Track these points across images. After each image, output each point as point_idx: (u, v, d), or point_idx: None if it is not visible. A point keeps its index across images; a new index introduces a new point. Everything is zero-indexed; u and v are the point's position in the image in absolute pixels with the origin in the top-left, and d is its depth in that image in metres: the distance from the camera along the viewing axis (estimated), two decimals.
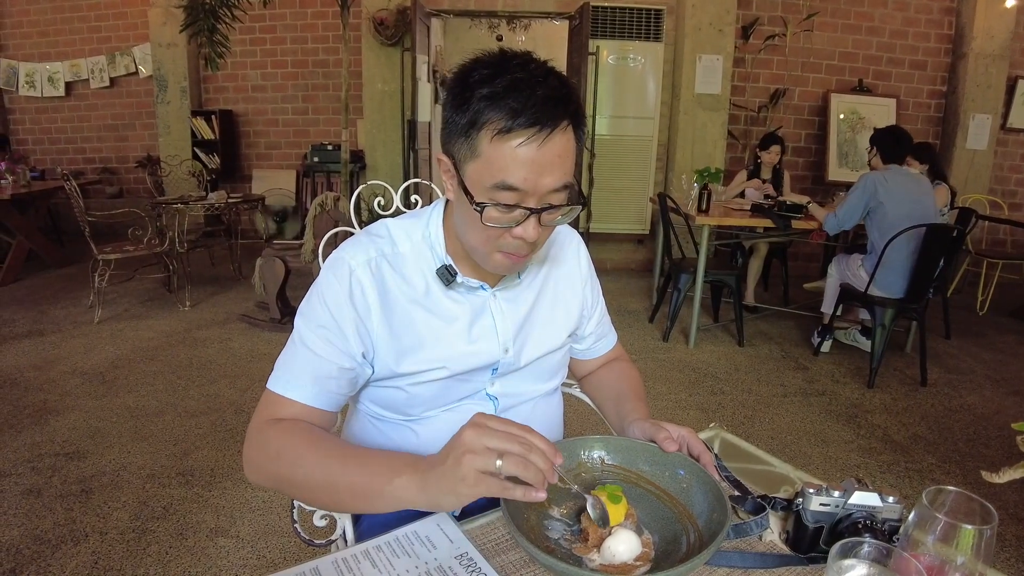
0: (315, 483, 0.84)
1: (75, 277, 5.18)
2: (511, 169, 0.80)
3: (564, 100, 0.81)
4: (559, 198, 0.85)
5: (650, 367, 3.65)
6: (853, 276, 3.67)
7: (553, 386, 1.14)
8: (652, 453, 0.93)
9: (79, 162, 7.02)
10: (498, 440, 0.71)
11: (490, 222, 0.84)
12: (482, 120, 0.80)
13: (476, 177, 0.83)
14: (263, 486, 0.91)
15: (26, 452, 2.56)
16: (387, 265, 0.96)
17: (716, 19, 5.50)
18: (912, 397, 3.36)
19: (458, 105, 0.83)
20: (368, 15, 5.59)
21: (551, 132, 0.80)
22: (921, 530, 0.70)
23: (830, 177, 5.89)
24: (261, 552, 1.99)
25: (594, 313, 1.19)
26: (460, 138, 0.83)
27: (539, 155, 0.80)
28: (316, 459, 0.84)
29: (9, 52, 6.86)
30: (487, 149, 0.81)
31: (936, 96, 6.09)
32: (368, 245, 0.97)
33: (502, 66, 0.81)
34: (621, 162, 5.99)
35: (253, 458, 0.89)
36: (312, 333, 0.92)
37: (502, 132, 0.79)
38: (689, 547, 0.79)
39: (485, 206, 0.82)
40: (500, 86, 0.79)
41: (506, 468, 0.70)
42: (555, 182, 0.82)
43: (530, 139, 0.79)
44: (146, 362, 3.52)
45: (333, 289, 0.93)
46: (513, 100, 0.79)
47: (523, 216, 0.84)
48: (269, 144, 6.78)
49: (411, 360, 0.96)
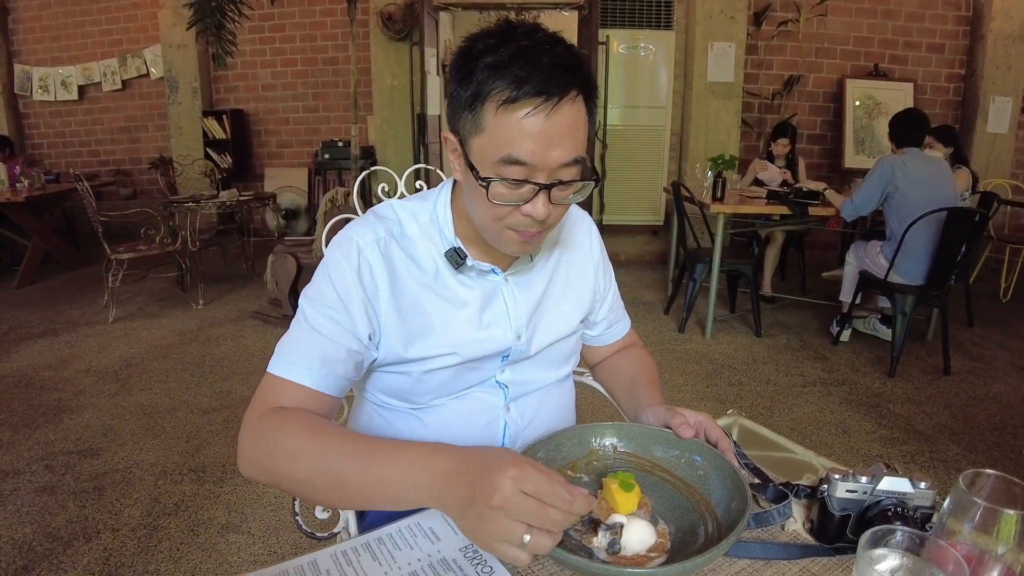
0: (320, 481, 0.76)
1: (90, 278, 5.21)
2: (518, 142, 0.76)
3: (572, 68, 0.77)
4: (570, 173, 0.80)
5: (666, 359, 3.60)
6: (872, 263, 3.59)
7: (564, 374, 1.10)
8: (667, 439, 0.89)
9: (93, 164, 7.07)
10: (531, 512, 0.60)
11: (497, 199, 0.80)
12: (486, 91, 0.76)
13: (482, 152, 0.79)
14: (259, 481, 0.84)
15: (40, 450, 2.56)
16: (396, 246, 0.92)
17: (728, 6, 5.42)
18: (935, 386, 3.28)
19: (462, 78, 0.79)
20: (376, 10, 5.57)
21: (559, 101, 0.75)
22: (957, 517, 0.65)
23: (846, 164, 5.78)
24: (272, 548, 1.97)
25: (606, 297, 1.14)
26: (465, 112, 0.80)
27: (547, 126, 0.76)
28: (319, 452, 0.76)
29: (23, 57, 6.91)
30: (492, 121, 0.77)
31: (955, 79, 5.96)
32: (376, 225, 0.93)
33: (507, 35, 0.77)
34: (633, 153, 5.93)
35: (248, 451, 0.82)
36: (318, 313, 0.88)
37: (507, 102, 0.75)
38: (707, 537, 0.75)
39: (491, 181, 0.78)
40: (504, 55, 0.76)
41: (532, 547, 0.60)
42: (565, 155, 0.78)
43: (537, 109, 0.75)
44: (159, 360, 3.52)
45: (340, 268, 0.89)
46: (518, 68, 0.75)
47: (531, 192, 0.79)
48: (280, 142, 6.79)
49: (420, 345, 0.92)
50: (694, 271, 3.96)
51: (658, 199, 5.99)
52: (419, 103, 5.63)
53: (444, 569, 0.71)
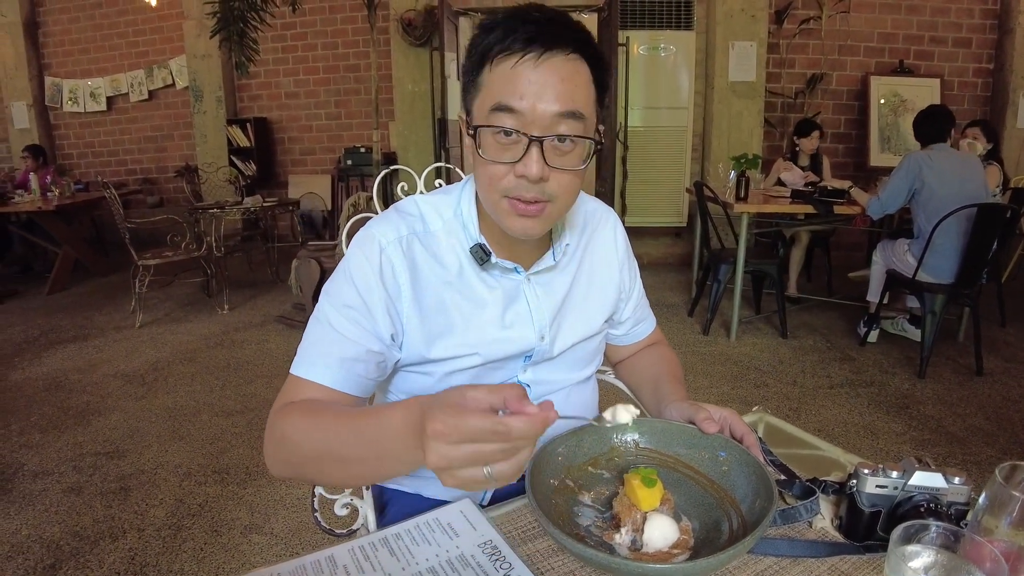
0: (326, 458, 0.74)
1: (118, 285, 5.30)
2: (508, 90, 0.76)
3: (568, 26, 0.77)
4: (570, 128, 0.77)
5: (691, 361, 3.56)
6: (899, 261, 3.51)
7: (588, 374, 1.08)
8: (690, 435, 0.87)
9: (121, 173, 7.21)
10: (477, 457, 0.55)
11: (488, 153, 0.79)
12: (481, 51, 0.78)
13: (478, 110, 0.80)
14: (285, 477, 0.85)
15: (69, 451, 2.60)
16: (418, 244, 0.90)
17: (748, 5, 5.36)
18: (967, 387, 3.19)
19: (469, 55, 0.81)
20: (396, 16, 5.61)
21: (548, 51, 0.75)
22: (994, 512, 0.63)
23: (872, 163, 5.69)
24: (295, 549, 1.98)
25: (631, 296, 1.11)
26: (469, 82, 0.81)
27: (537, 74, 0.75)
28: (324, 432, 0.74)
29: (53, 70, 7.08)
30: (487, 77, 0.78)
31: (983, 74, 5.84)
32: (398, 222, 0.91)
33: (512, 10, 0.79)
34: (655, 154, 5.89)
35: (268, 449, 0.82)
36: (339, 313, 0.86)
37: (498, 54, 0.77)
38: (731, 534, 0.73)
39: (480, 129, 0.78)
40: (500, 15, 0.78)
41: (498, 477, 0.56)
42: (557, 106, 0.76)
43: (525, 56, 0.75)
44: (185, 364, 3.56)
45: (362, 267, 0.87)
46: (509, 21, 0.77)
47: (523, 149, 0.77)
48: (304, 150, 6.86)
49: (442, 345, 0.90)
50: (718, 272, 3.91)
51: (681, 200, 5.93)
52: (440, 108, 5.65)
53: (462, 565, 0.70)
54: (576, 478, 0.84)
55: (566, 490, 0.81)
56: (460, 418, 0.54)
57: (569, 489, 0.82)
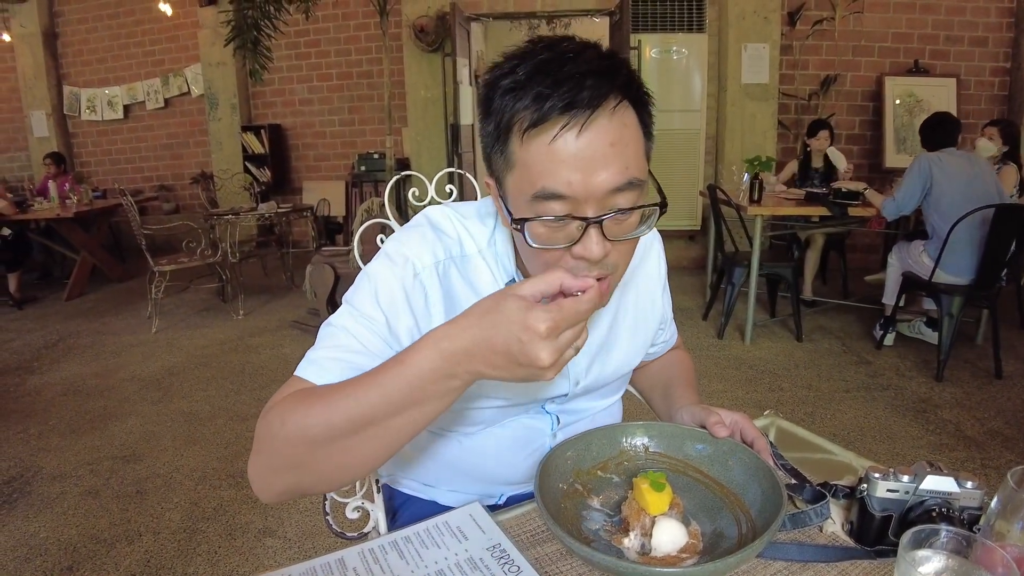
0: (360, 435, 0.66)
1: (135, 290, 5.37)
2: (550, 171, 0.64)
3: (607, 73, 0.65)
4: (628, 199, 0.67)
5: (706, 365, 3.54)
6: (915, 263, 3.48)
7: (615, 399, 1.05)
8: (700, 438, 0.87)
9: (138, 181, 7.30)
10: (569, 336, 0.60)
11: (537, 241, 0.68)
12: (507, 119, 0.66)
13: (516, 190, 0.69)
14: (278, 493, 0.74)
15: (86, 455, 2.63)
16: (455, 270, 0.83)
17: (760, 6, 5.34)
18: (986, 390, 3.15)
19: (485, 111, 0.70)
20: (408, 23, 5.64)
21: (593, 114, 0.63)
22: (1006, 517, 0.62)
23: (887, 164, 5.63)
24: (308, 552, 1.99)
25: (667, 319, 1.08)
26: (496, 153, 0.70)
27: (582, 147, 0.63)
28: (331, 401, 0.67)
29: (71, 80, 7.19)
30: (520, 153, 0.66)
31: (1000, 73, 5.76)
32: (435, 244, 0.82)
33: (527, 53, 0.67)
34: (668, 157, 5.87)
35: (263, 458, 0.73)
36: (357, 323, 0.78)
37: (531, 127, 0.64)
38: (740, 538, 0.73)
39: (525, 222, 0.67)
40: (523, 76, 0.65)
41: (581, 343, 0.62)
42: (614, 179, 0.65)
43: (566, 128, 0.63)
44: (200, 369, 3.60)
45: (390, 286, 0.79)
46: (538, 85, 0.63)
47: (579, 230, 0.66)
48: (318, 156, 6.92)
49: None
50: (732, 275, 3.89)
51: (694, 203, 5.90)
52: (452, 113, 5.68)
53: (471, 568, 0.71)
54: (585, 482, 0.83)
55: (575, 494, 0.81)
56: (555, 312, 0.59)
57: (578, 493, 0.82)
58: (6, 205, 5.04)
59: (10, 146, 7.42)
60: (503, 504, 0.84)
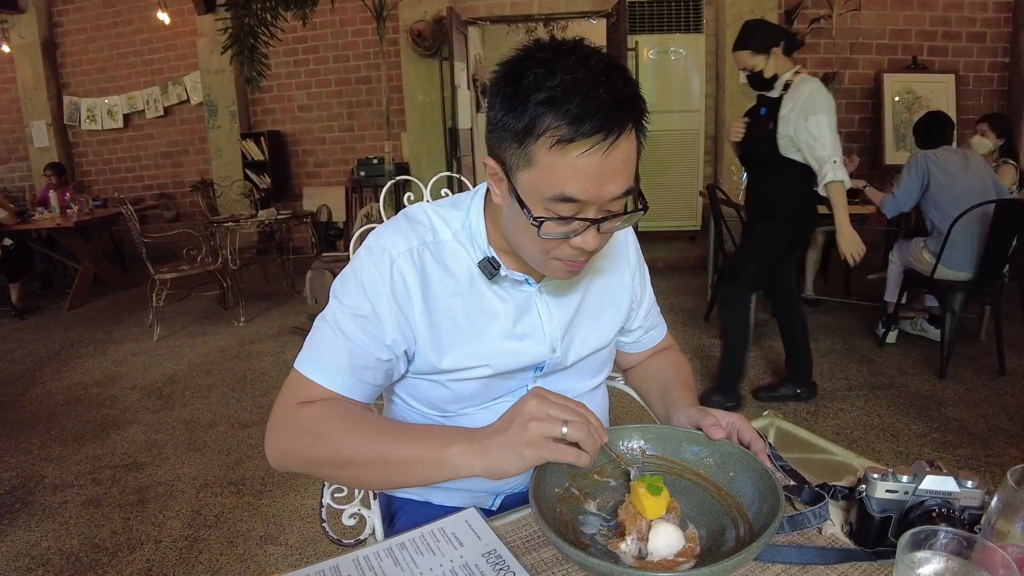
0: (363, 460, 0.82)
1: (136, 299, 5.37)
2: (571, 180, 0.74)
3: (629, 101, 0.74)
4: (619, 205, 0.79)
5: (707, 366, 3.53)
6: (916, 260, 3.47)
7: (598, 382, 1.08)
8: (696, 441, 0.86)
9: (138, 189, 7.31)
10: (560, 411, 0.74)
11: (547, 234, 0.78)
12: (540, 128, 0.72)
13: (531, 187, 0.76)
14: (290, 469, 0.88)
15: (88, 464, 2.63)
16: (429, 254, 0.90)
17: (758, 5, 5.34)
18: (990, 387, 3.14)
19: (511, 108, 0.75)
20: (405, 28, 5.65)
21: (616, 139, 0.73)
22: (1007, 517, 0.61)
23: (887, 161, 5.62)
24: (309, 559, 1.98)
25: (642, 304, 1.11)
26: (512, 144, 0.76)
27: (603, 164, 0.73)
28: (363, 435, 0.82)
29: (71, 89, 7.21)
30: (545, 157, 0.74)
31: (998, 69, 5.75)
32: (408, 232, 0.90)
33: (558, 63, 0.73)
34: (668, 158, 5.87)
35: (281, 442, 0.87)
36: (350, 321, 0.87)
37: (563, 141, 0.72)
38: (738, 541, 0.72)
39: (543, 221, 0.76)
40: (559, 90, 0.71)
41: (571, 434, 0.73)
42: (617, 190, 0.76)
43: (593, 148, 0.72)
44: (201, 376, 3.60)
45: (372, 278, 0.87)
46: (575, 106, 0.71)
47: (582, 227, 0.77)
48: (317, 162, 6.92)
49: (453, 356, 0.91)
50: None
51: (694, 204, 5.90)
52: (451, 117, 5.68)
53: (466, 574, 0.70)
54: (582, 486, 0.83)
55: (571, 498, 0.81)
56: (559, 395, 0.78)
57: (574, 497, 0.81)
58: (8, 215, 5.05)
59: (11, 156, 7.44)
60: (497, 510, 0.85)
